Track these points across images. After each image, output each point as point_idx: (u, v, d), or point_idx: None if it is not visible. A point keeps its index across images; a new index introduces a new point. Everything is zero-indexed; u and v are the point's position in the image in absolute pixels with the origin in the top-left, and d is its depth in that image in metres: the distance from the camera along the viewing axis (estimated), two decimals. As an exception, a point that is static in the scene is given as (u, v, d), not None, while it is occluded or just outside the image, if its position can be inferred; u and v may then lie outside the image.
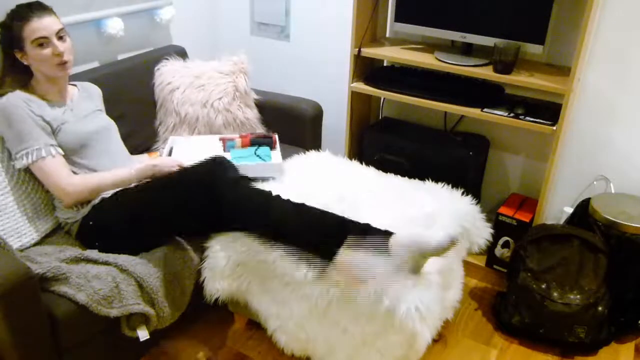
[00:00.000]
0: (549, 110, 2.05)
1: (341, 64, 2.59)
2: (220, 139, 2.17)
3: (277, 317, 1.76)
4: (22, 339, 1.44)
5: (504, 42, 1.98)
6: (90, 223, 1.74)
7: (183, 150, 2.09)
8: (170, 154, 2.10)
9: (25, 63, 1.73)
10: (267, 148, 2.10)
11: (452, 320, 2.05)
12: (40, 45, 1.68)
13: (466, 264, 2.13)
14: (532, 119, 1.99)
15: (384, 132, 2.38)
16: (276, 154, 2.09)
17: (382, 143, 2.35)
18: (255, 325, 1.96)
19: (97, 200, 1.76)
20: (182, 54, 2.50)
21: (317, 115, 2.47)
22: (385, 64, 2.45)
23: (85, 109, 1.89)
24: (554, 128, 1.95)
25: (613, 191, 2.18)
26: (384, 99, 2.54)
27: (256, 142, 2.12)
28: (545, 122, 1.98)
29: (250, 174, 1.91)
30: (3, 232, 1.66)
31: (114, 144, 1.94)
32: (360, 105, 2.41)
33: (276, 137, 2.16)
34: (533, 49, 2.01)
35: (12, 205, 1.71)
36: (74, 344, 1.57)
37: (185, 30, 2.74)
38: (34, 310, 1.44)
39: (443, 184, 2.04)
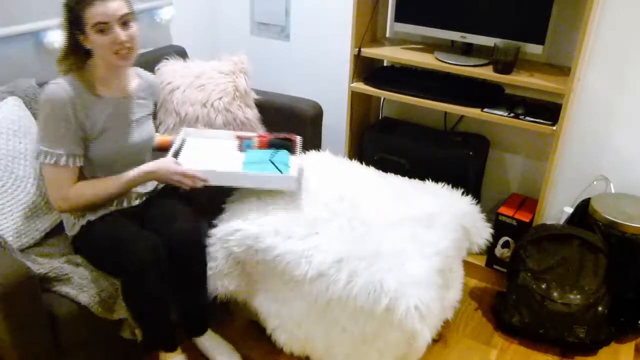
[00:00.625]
0: (549, 110, 2.05)
1: (341, 64, 2.59)
2: (236, 137, 1.98)
3: (277, 316, 1.76)
4: (22, 339, 1.44)
5: (504, 42, 1.98)
6: (76, 245, 1.71)
7: (194, 149, 1.91)
8: (179, 149, 1.90)
9: (87, 47, 1.60)
10: (286, 152, 1.90)
11: (452, 320, 2.05)
12: (101, 31, 1.54)
13: (466, 264, 2.13)
14: (532, 119, 1.99)
15: (384, 132, 2.38)
16: (295, 161, 1.89)
17: (382, 143, 2.35)
18: (255, 325, 1.96)
19: (84, 222, 1.68)
20: (182, 54, 2.50)
21: (317, 115, 2.47)
22: (385, 64, 2.45)
23: (137, 111, 1.76)
24: (554, 128, 1.95)
25: (613, 191, 2.18)
26: (384, 99, 2.54)
27: (275, 143, 1.93)
28: (545, 122, 1.98)
29: (260, 186, 1.78)
30: (2, 232, 1.66)
31: (145, 159, 1.80)
32: (360, 105, 2.41)
33: (298, 140, 1.96)
34: (533, 49, 2.01)
35: (12, 204, 1.71)
36: (74, 345, 1.57)
37: (185, 30, 2.74)
38: (34, 310, 1.44)
39: (443, 184, 2.04)
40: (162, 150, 1.93)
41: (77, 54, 1.62)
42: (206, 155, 1.88)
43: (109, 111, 1.67)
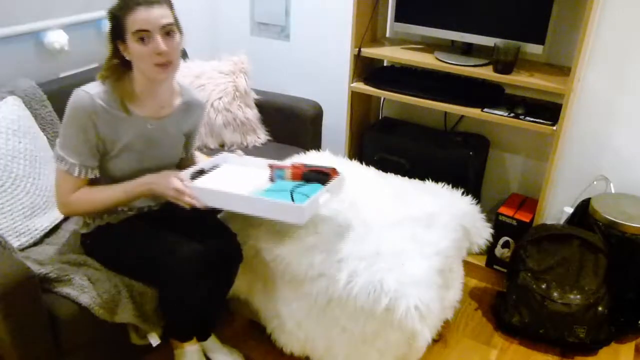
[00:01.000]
0: (549, 110, 2.05)
1: (341, 64, 2.59)
2: (269, 166, 1.77)
3: (277, 316, 1.76)
4: (22, 339, 1.43)
5: (504, 42, 1.98)
6: (88, 243, 1.68)
7: (223, 173, 1.76)
8: (206, 170, 1.74)
9: (127, 57, 1.51)
10: (317, 186, 1.65)
11: (452, 320, 2.05)
12: (141, 39, 1.45)
13: (466, 264, 2.13)
14: (532, 119, 1.99)
15: (384, 132, 2.38)
16: (324, 197, 1.62)
17: (382, 143, 2.35)
18: (255, 325, 1.96)
19: (102, 222, 1.64)
20: (182, 54, 2.50)
21: (317, 115, 2.47)
22: (385, 64, 2.45)
23: (166, 134, 1.65)
24: (554, 128, 1.95)
25: (613, 191, 2.18)
26: (384, 99, 2.54)
27: (309, 177, 1.71)
28: (545, 122, 1.98)
29: (264, 214, 1.57)
30: (1, 231, 1.66)
31: None
32: (360, 105, 2.41)
33: (338, 172, 1.72)
34: (533, 49, 2.01)
35: (11, 203, 1.70)
36: (75, 346, 1.57)
37: (185, 30, 2.72)
38: (34, 310, 1.44)
39: (443, 184, 2.04)
40: None
41: (117, 66, 1.54)
42: (229, 180, 1.72)
43: (135, 131, 1.58)
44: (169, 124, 1.65)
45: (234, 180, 1.71)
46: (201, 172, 1.72)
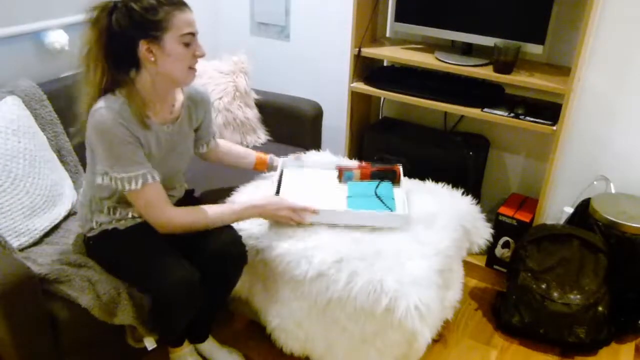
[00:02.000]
0: (549, 110, 2.04)
1: (341, 64, 2.59)
2: (336, 168, 1.95)
3: (277, 316, 1.76)
4: (22, 339, 1.43)
5: (504, 42, 1.98)
6: (92, 246, 1.66)
7: (293, 181, 1.89)
8: (279, 181, 1.88)
9: (150, 58, 1.44)
10: (389, 184, 1.89)
11: (452, 320, 2.05)
12: (186, 42, 1.46)
13: (466, 264, 2.13)
14: (532, 119, 1.99)
15: (384, 132, 2.38)
16: (399, 194, 1.84)
17: (382, 143, 2.35)
18: (255, 325, 1.96)
19: (108, 227, 1.61)
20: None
21: (317, 115, 2.47)
22: (385, 64, 2.45)
23: (183, 135, 1.64)
24: (554, 128, 1.95)
25: (613, 191, 2.18)
26: (384, 99, 2.54)
27: (377, 175, 1.91)
28: (545, 122, 1.98)
29: (367, 223, 1.72)
30: (1, 231, 1.66)
31: (181, 170, 1.74)
32: (360, 105, 2.40)
33: (400, 169, 1.93)
34: (533, 49, 2.01)
35: (10, 203, 1.70)
36: (75, 346, 1.57)
37: (185, 30, 2.73)
38: (34, 310, 1.44)
39: (443, 184, 2.04)
40: (257, 169, 1.98)
41: (120, 70, 1.46)
42: (306, 188, 1.85)
43: (156, 140, 1.56)
44: (182, 123, 1.64)
45: (313, 189, 1.86)
46: (277, 187, 1.84)
